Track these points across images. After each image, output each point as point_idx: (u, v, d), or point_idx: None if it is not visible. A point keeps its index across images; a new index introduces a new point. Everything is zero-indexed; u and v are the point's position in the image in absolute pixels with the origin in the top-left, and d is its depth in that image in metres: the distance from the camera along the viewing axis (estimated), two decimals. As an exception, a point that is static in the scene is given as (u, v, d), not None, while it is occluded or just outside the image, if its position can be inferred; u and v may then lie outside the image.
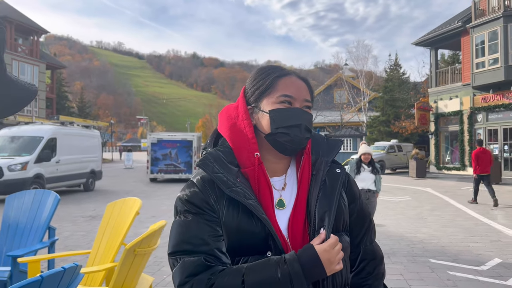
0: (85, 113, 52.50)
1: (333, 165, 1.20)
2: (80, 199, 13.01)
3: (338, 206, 1.13)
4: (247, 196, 1.05)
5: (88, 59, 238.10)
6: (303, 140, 1.12)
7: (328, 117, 36.93)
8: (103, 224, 3.82)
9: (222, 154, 1.13)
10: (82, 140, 15.58)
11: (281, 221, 1.08)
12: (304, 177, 1.13)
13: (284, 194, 1.13)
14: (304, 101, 1.15)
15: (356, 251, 1.21)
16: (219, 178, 1.08)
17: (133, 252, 2.34)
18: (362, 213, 1.23)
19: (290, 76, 1.17)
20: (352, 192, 1.22)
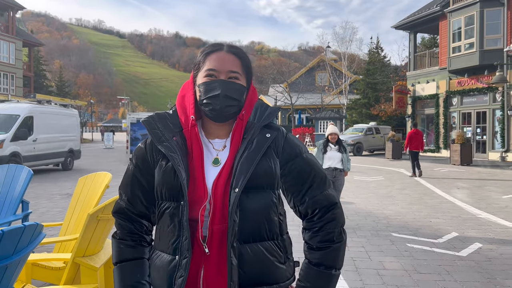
0: (64, 92, 51.49)
1: (265, 130, 1.33)
2: (58, 178, 13.01)
3: (261, 165, 1.25)
4: (172, 150, 1.26)
5: (67, 37, 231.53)
6: (224, 108, 1.27)
7: (309, 99, 37.12)
8: (74, 197, 3.97)
9: (169, 115, 1.37)
10: (60, 119, 15.43)
11: (212, 175, 1.27)
12: (235, 139, 1.30)
13: (222, 153, 1.31)
14: (229, 73, 1.29)
15: (304, 203, 1.32)
16: (155, 134, 1.31)
17: (96, 218, 2.50)
18: (302, 170, 1.33)
19: (218, 51, 1.32)
20: (288, 153, 1.33)
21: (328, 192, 1.34)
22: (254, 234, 1.25)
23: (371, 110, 30.61)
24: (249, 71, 1.36)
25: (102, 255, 2.75)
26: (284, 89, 37.14)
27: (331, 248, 1.29)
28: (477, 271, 4.40)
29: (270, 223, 1.28)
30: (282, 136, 1.34)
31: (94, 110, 63.65)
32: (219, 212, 1.22)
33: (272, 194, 1.29)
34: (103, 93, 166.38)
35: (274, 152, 1.31)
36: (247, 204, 1.23)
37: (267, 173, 1.27)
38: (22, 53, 36.64)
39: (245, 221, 1.23)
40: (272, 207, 1.29)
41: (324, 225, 1.30)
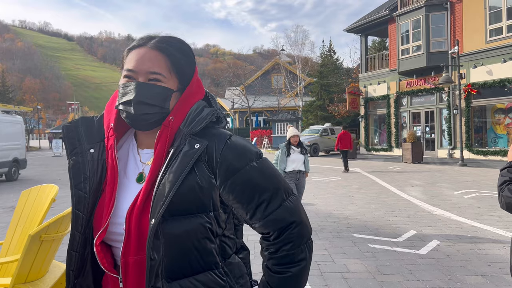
0: (7, 98, 48.59)
1: (196, 139, 1.07)
2: (1, 190, 12.12)
3: (186, 185, 1.01)
4: (76, 167, 1.09)
5: (10, 39, 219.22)
6: (138, 116, 1.05)
7: (266, 102, 37.35)
8: (17, 213, 3.59)
9: (97, 121, 1.16)
10: (2, 126, 14.42)
11: (132, 195, 1.06)
12: (157, 152, 1.07)
13: (148, 168, 1.10)
14: (149, 74, 1.07)
15: (255, 223, 1.09)
16: (69, 142, 1.13)
17: (39, 239, 2.23)
18: (247, 187, 1.06)
19: (140, 48, 1.09)
20: (226, 166, 1.05)
21: (282, 208, 1.08)
22: (184, 267, 1.01)
23: (327, 110, 31.24)
24: (183, 69, 1.11)
25: (48, 279, 2.47)
26: (241, 92, 37.12)
27: (290, 273, 1.07)
28: (437, 269, 4.46)
29: (204, 252, 1.03)
30: (220, 145, 1.06)
31: (42, 116, 60.58)
32: (134, 241, 1.02)
33: (204, 219, 1.03)
34: (51, 98, 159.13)
35: (206, 166, 1.05)
36: (170, 235, 0.99)
37: (196, 195, 1.02)
38: (-41, 57, 34.11)
39: (171, 256, 1.00)
40: (206, 234, 1.03)
41: (281, 247, 1.08)
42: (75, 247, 1.07)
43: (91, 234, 1.08)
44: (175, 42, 1.12)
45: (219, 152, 1.06)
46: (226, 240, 1.12)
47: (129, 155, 1.14)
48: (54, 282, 2.47)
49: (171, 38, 1.13)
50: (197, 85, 1.16)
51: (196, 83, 1.15)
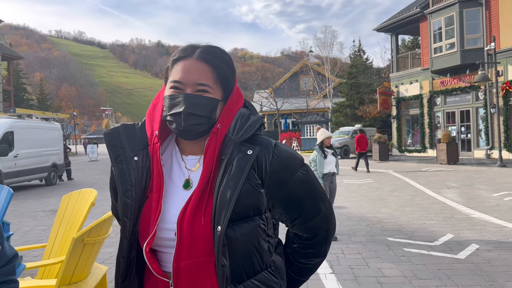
0: (45, 106, 50.66)
1: (246, 145, 1.09)
2: (41, 194, 12.63)
3: (244, 191, 1.04)
4: (122, 175, 1.11)
5: (47, 49, 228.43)
6: (188, 127, 1.08)
7: (294, 104, 37.24)
8: (58, 217, 3.75)
9: (137, 128, 1.17)
10: (41, 133, 15.04)
11: (181, 202, 1.08)
12: (208, 158, 1.09)
13: (194, 174, 1.12)
14: (196, 85, 1.09)
15: (294, 227, 1.20)
16: (113, 150, 1.14)
17: (82, 242, 2.32)
18: (293, 197, 1.13)
19: (186, 59, 1.12)
20: (276, 176, 1.10)
21: (320, 217, 1.18)
22: (247, 270, 1.06)
23: (356, 112, 30.81)
24: (227, 79, 1.14)
25: (90, 281, 2.56)
26: (269, 94, 37.18)
27: (311, 265, 1.26)
28: (477, 274, 4.32)
29: (261, 252, 1.08)
30: (268, 153, 1.10)
31: (77, 122, 62.74)
32: (186, 246, 1.04)
33: (260, 221, 1.08)
34: (86, 104, 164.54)
35: (256, 173, 1.08)
36: (233, 239, 1.03)
37: (252, 200, 1.06)
38: (1, 67, 35.87)
39: (236, 260, 1.04)
40: (261, 234, 1.09)
41: (311, 246, 1.23)
42: (123, 253, 1.11)
43: (136, 240, 1.11)
44: (218, 52, 1.15)
45: (268, 161, 1.10)
46: (269, 239, 1.15)
47: (173, 161, 1.16)
48: (96, 283, 2.57)
49: (214, 48, 1.15)
50: (238, 93, 1.19)
51: (237, 91, 1.19)
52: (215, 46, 1.17)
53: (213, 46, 1.16)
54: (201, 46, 1.15)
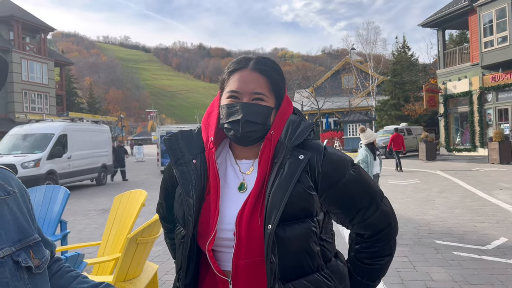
0: (95, 109, 53.01)
1: (298, 150, 1.16)
2: (93, 193, 13.27)
3: (296, 193, 1.10)
4: (185, 176, 1.18)
5: (95, 54, 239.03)
6: (245, 134, 1.16)
7: (336, 103, 36.72)
8: (111, 216, 3.96)
9: (195, 134, 1.26)
10: (92, 135, 15.81)
11: (237, 203, 1.15)
12: (262, 163, 1.16)
13: (249, 177, 1.20)
14: (252, 94, 1.17)
15: (354, 226, 1.23)
16: (173, 154, 1.23)
17: (135, 241, 2.46)
18: (348, 195, 1.18)
19: (242, 70, 1.20)
20: (328, 177, 1.16)
21: (379, 212, 1.22)
22: (296, 270, 1.11)
23: (402, 111, 29.94)
24: (279, 88, 1.22)
25: (143, 278, 2.70)
26: (310, 94, 36.90)
27: (378, 265, 1.26)
28: (534, 281, 4.10)
29: (311, 254, 1.13)
30: (320, 156, 1.17)
31: (124, 124, 65.19)
32: (244, 246, 1.11)
33: (310, 223, 1.13)
34: (132, 107, 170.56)
35: (309, 176, 1.15)
36: (283, 239, 1.09)
37: (303, 202, 1.12)
38: (54, 73, 37.99)
39: (284, 258, 1.09)
40: (312, 237, 1.13)
41: (374, 244, 1.24)
42: (186, 251, 1.18)
43: (194, 239, 1.18)
44: (270, 63, 1.23)
45: (320, 163, 1.16)
46: (324, 243, 1.20)
47: (227, 165, 1.24)
48: (148, 281, 2.70)
49: (266, 59, 1.24)
50: (288, 101, 1.27)
51: (287, 99, 1.26)
52: (266, 57, 1.25)
53: (264, 57, 1.25)
54: (254, 58, 1.23)
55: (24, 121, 21.84)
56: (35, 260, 0.92)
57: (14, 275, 0.86)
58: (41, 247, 0.96)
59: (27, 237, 0.93)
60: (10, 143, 13.75)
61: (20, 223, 0.93)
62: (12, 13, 32.80)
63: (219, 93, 1.27)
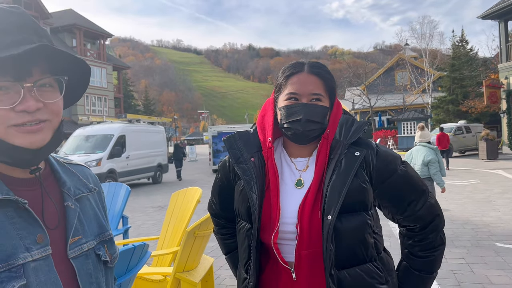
0: (150, 110, 55.24)
1: (354, 147, 1.25)
2: (149, 191, 13.90)
3: (353, 187, 1.19)
4: (247, 173, 1.27)
5: (150, 58, 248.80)
6: (306, 132, 1.24)
7: (389, 100, 35.64)
8: (168, 212, 4.19)
9: (250, 135, 1.37)
10: (148, 136, 16.56)
11: (296, 198, 1.24)
12: (320, 160, 1.25)
13: (305, 174, 1.28)
14: (311, 95, 1.25)
15: (405, 219, 1.32)
16: (233, 153, 1.33)
17: (193, 235, 2.61)
18: (399, 188, 1.28)
19: (299, 73, 1.28)
20: (381, 172, 1.26)
21: (428, 204, 1.31)
22: (350, 258, 1.20)
23: (460, 108, 28.50)
24: (333, 89, 1.31)
25: (200, 270, 2.86)
26: (362, 91, 36.08)
27: (433, 256, 1.32)
28: None
29: (365, 245, 1.22)
30: (374, 153, 1.27)
31: (178, 125, 67.34)
32: (306, 237, 1.20)
33: (365, 216, 1.22)
34: (185, 108, 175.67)
35: (365, 171, 1.25)
36: (341, 229, 1.18)
37: (360, 195, 1.21)
38: (112, 77, 40.04)
39: (340, 247, 1.18)
40: (367, 229, 1.22)
41: (427, 236, 1.32)
42: (252, 242, 1.26)
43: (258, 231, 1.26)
44: (323, 66, 1.32)
45: (375, 160, 1.27)
46: (377, 236, 1.29)
47: (283, 163, 1.33)
48: (205, 272, 2.86)
49: (318, 63, 1.33)
50: (337, 102, 1.36)
51: (336, 100, 1.35)
52: (318, 62, 1.35)
53: (317, 61, 1.35)
54: (307, 62, 1.32)
55: (86, 123, 23.25)
56: (109, 255, 0.97)
57: (96, 267, 0.92)
58: (114, 243, 1.01)
59: (104, 232, 0.98)
60: (74, 144, 14.72)
61: (98, 219, 0.98)
62: (75, 22, 35.03)
63: (273, 97, 1.37)
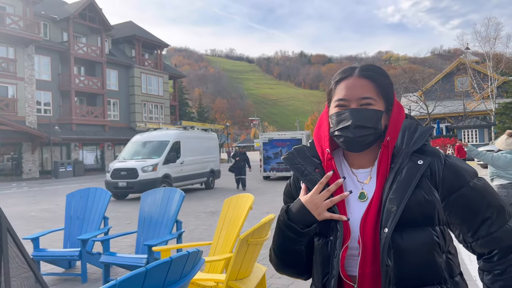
0: (203, 117, 56.63)
1: (417, 155, 1.14)
2: (202, 196, 14.14)
3: (414, 198, 1.09)
4: (316, 183, 1.20)
5: (203, 67, 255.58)
6: (356, 139, 1.16)
7: (448, 107, 33.99)
8: (221, 218, 4.18)
9: (307, 148, 1.31)
10: (202, 142, 16.94)
11: (359, 211, 1.16)
12: (381, 170, 1.17)
13: (367, 186, 1.19)
14: (360, 100, 1.17)
15: (478, 241, 1.13)
16: (297, 168, 1.27)
17: (246, 242, 2.56)
18: (471, 203, 1.12)
19: (348, 78, 1.20)
20: (449, 182, 1.12)
21: (508, 227, 1.12)
22: (414, 278, 1.08)
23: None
24: (387, 92, 1.21)
25: (253, 278, 2.80)
26: (419, 98, 34.72)
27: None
28: None
29: (433, 265, 1.09)
30: (440, 162, 1.15)
31: (229, 131, 68.48)
32: (370, 253, 1.11)
33: (431, 232, 1.10)
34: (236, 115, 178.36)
35: (430, 181, 1.12)
36: (401, 245, 1.07)
37: (423, 208, 1.09)
38: (168, 85, 41.55)
39: (402, 265, 1.07)
40: (434, 247, 1.09)
41: (508, 267, 1.11)
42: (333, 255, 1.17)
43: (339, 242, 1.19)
44: (375, 68, 1.23)
45: (441, 169, 1.14)
46: (451, 257, 1.15)
47: (345, 175, 1.25)
48: (258, 281, 2.79)
49: (371, 65, 1.24)
50: (398, 105, 1.24)
51: (397, 103, 1.24)
52: (371, 64, 1.25)
53: (370, 64, 1.25)
54: (359, 66, 1.24)
55: (144, 130, 24.24)
56: None
57: None
58: None
59: None
60: (132, 150, 15.36)
61: None
62: (134, 33, 36.82)
63: (326, 105, 1.30)
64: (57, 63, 30.46)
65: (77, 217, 5.38)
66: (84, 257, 4.83)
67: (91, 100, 33.04)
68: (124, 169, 13.78)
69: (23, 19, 26.45)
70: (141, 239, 4.97)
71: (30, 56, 27.64)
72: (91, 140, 31.33)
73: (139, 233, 5.03)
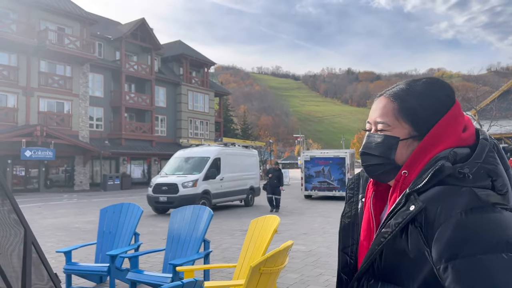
0: (247, 134, 57.12)
1: (415, 198, 0.90)
2: (240, 214, 14.05)
3: (391, 250, 0.91)
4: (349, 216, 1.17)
5: (249, 84, 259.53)
6: (366, 168, 1.06)
7: (505, 127, 31.96)
8: (247, 239, 4.05)
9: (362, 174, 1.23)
10: (242, 159, 16.94)
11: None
12: (388, 209, 1.01)
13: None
14: (375, 124, 1.04)
15: None
16: (349, 191, 1.20)
17: (258, 271, 2.40)
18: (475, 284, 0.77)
19: (378, 97, 1.08)
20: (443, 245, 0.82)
21: None
22: None
23: None
24: (414, 113, 0.97)
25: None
26: (472, 117, 32.95)
27: None
28: None
29: None
30: (442, 213, 0.83)
31: (273, 148, 68.51)
32: None
33: None
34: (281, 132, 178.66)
35: (420, 233, 0.86)
36: None
37: (401, 263, 0.89)
38: (214, 102, 42.37)
39: None
40: None
41: None
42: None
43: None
44: (406, 86, 1.02)
45: (438, 223, 0.84)
46: None
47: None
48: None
49: (415, 81, 1.03)
50: (441, 132, 0.96)
51: (442, 129, 0.96)
52: (413, 79, 1.05)
53: (417, 79, 1.04)
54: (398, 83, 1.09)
55: (187, 145, 24.72)
56: None
57: None
58: None
59: None
60: (175, 165, 15.62)
61: None
62: (182, 52, 38.06)
63: None
64: (109, 81, 32.00)
65: (109, 232, 5.45)
66: (113, 273, 4.84)
67: (140, 116, 34.31)
68: (165, 184, 14.01)
69: (80, 39, 28.10)
70: (168, 257, 4.93)
71: (85, 74, 29.24)
72: (139, 155, 32.41)
73: (167, 250, 4.99)
